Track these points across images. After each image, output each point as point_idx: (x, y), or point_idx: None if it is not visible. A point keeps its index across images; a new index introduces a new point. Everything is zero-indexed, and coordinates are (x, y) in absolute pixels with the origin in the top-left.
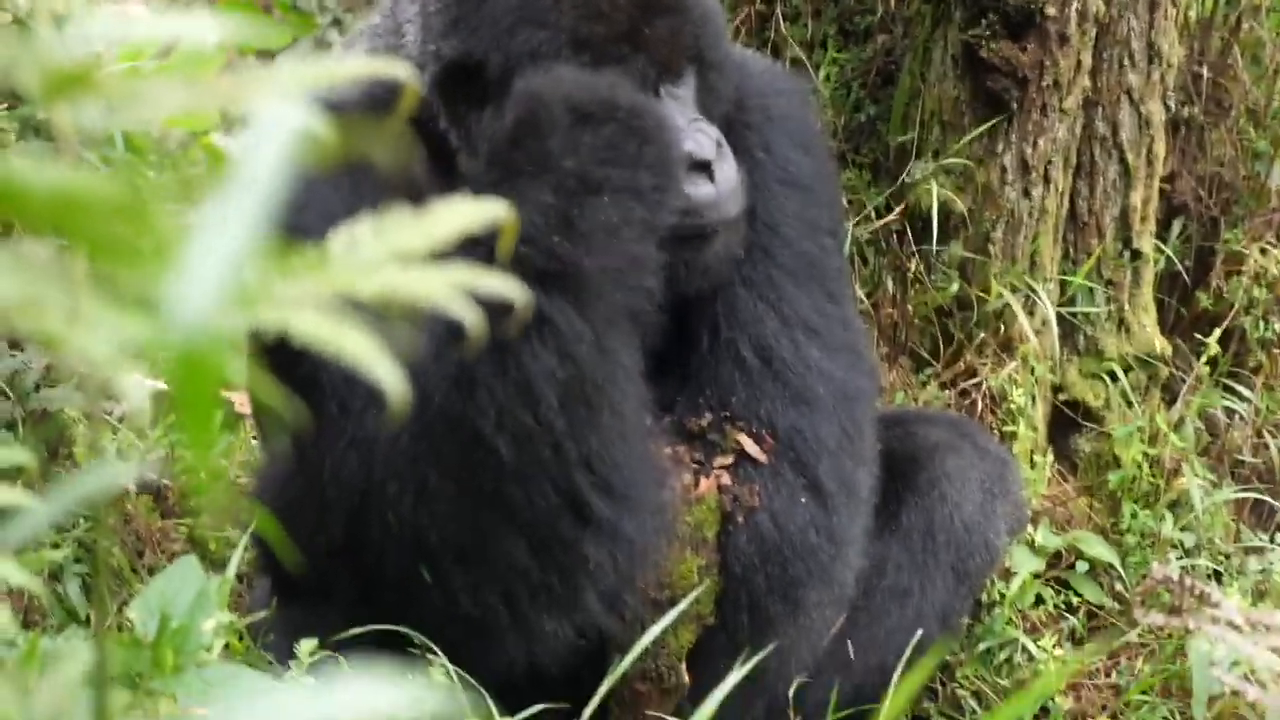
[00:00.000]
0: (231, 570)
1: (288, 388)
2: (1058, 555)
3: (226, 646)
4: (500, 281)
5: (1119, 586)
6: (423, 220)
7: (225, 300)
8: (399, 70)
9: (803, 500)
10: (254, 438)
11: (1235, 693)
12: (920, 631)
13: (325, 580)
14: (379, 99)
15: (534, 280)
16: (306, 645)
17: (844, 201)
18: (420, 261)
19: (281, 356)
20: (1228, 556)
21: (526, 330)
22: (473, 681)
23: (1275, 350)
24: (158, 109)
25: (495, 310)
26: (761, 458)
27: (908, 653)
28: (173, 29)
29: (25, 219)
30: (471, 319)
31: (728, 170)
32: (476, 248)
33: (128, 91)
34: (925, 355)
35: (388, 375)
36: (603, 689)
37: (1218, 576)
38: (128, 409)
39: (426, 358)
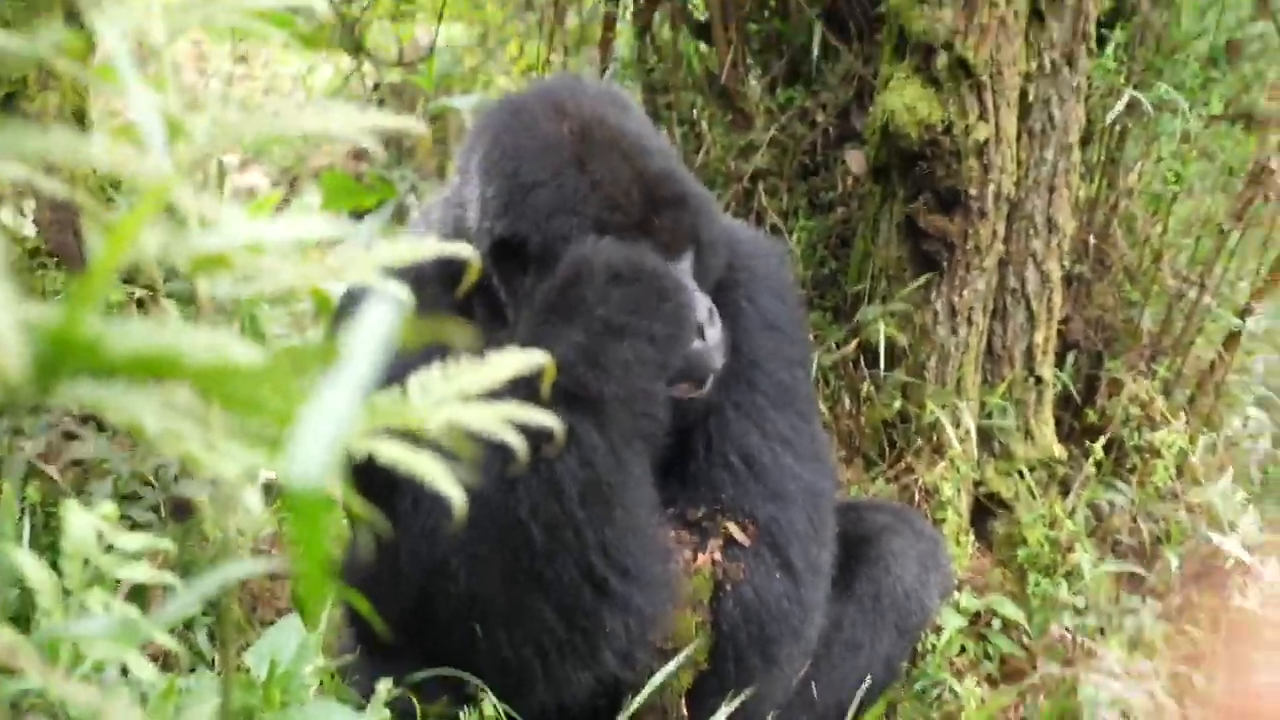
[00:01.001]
0: (324, 625)
1: (372, 488)
2: (977, 615)
3: (321, 684)
4: (538, 415)
5: (1026, 640)
6: (480, 367)
7: (331, 456)
8: (465, 251)
9: (777, 576)
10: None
11: None
12: (870, 677)
13: (398, 634)
14: (449, 267)
15: (563, 401)
16: (384, 685)
17: (811, 338)
18: (478, 398)
19: (368, 467)
20: (1110, 616)
21: (559, 440)
22: (515, 715)
23: (1146, 455)
24: (276, 282)
25: (534, 431)
26: (745, 541)
27: (860, 692)
28: (288, 230)
29: (176, 377)
30: (516, 443)
31: (715, 332)
32: (523, 385)
33: (253, 268)
34: (874, 457)
35: (448, 487)
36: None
37: (1102, 632)
38: (246, 512)
39: (480, 464)
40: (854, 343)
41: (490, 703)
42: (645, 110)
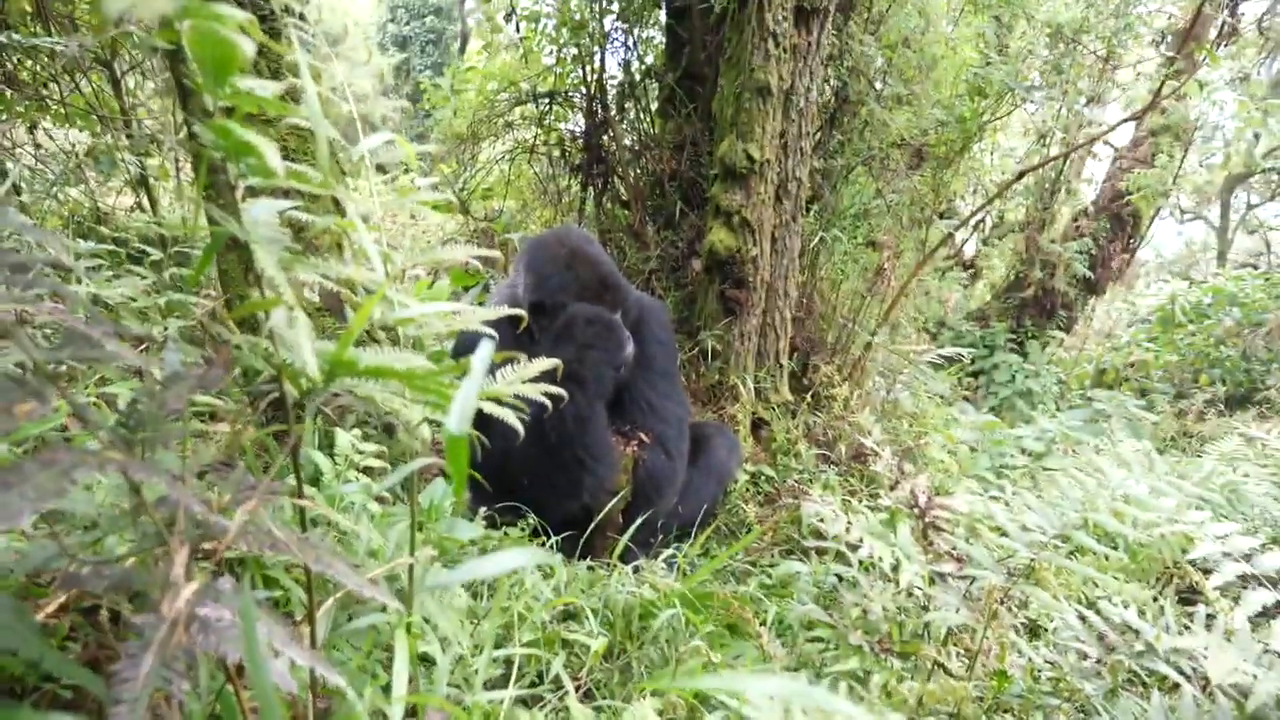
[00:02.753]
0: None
1: (480, 421)
2: (754, 476)
3: (452, 511)
4: (554, 389)
5: (775, 486)
6: (529, 366)
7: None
8: (520, 311)
9: (663, 457)
10: None
11: (818, 534)
12: (705, 503)
13: (490, 487)
14: (514, 317)
15: (567, 379)
16: (482, 510)
17: (677, 347)
18: (529, 381)
19: (480, 413)
20: (814, 474)
21: (563, 398)
22: (543, 524)
23: (829, 399)
24: (433, 326)
25: (553, 395)
26: (648, 441)
27: (702, 511)
28: (436, 305)
29: (389, 378)
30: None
31: (631, 347)
32: (549, 374)
33: (423, 321)
34: (705, 402)
35: (513, 421)
36: (591, 526)
37: (811, 481)
38: (422, 436)
39: (530, 411)
40: (695, 349)
41: (531, 516)
42: (601, 240)
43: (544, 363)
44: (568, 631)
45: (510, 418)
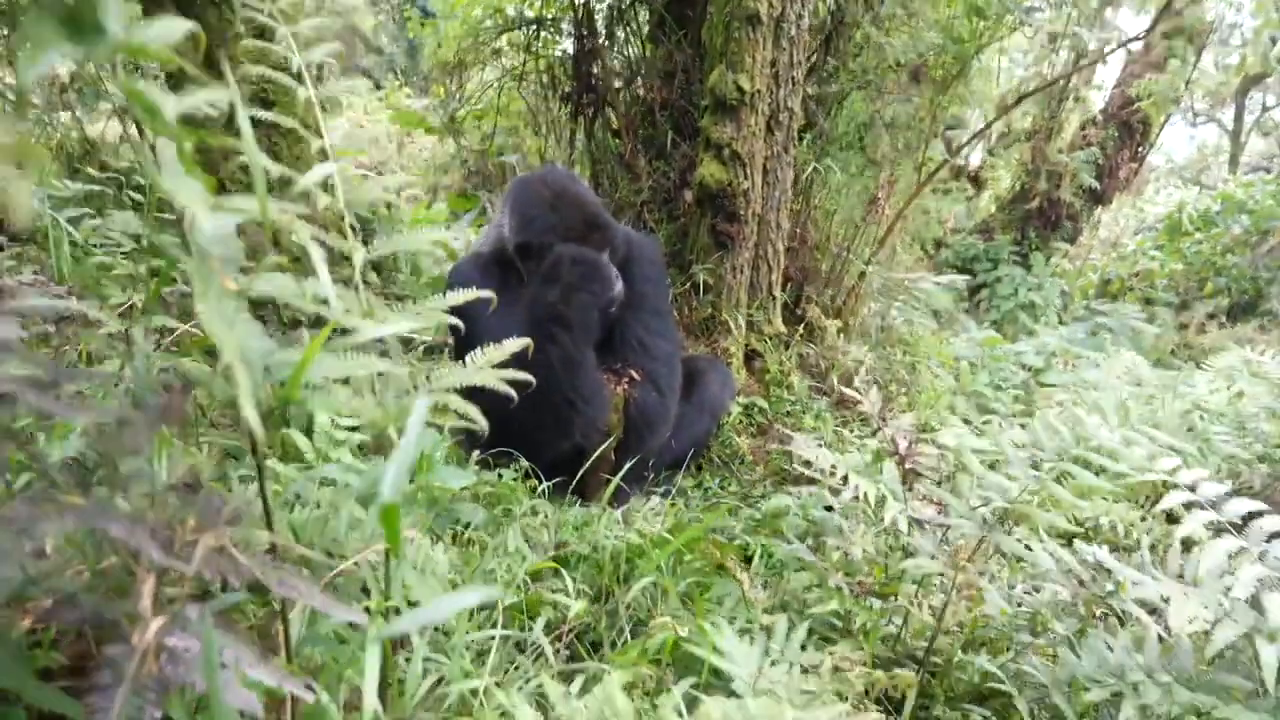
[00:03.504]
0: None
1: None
2: (747, 407)
3: (446, 460)
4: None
5: (768, 417)
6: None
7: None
8: (508, 247)
9: (654, 394)
10: None
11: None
12: (699, 436)
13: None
14: (499, 251)
15: (553, 321)
16: (475, 455)
17: (669, 282)
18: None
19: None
20: (806, 405)
21: (551, 339)
22: (534, 468)
23: (821, 330)
24: (421, 242)
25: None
26: (639, 379)
27: (695, 444)
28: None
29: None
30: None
31: (619, 285)
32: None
33: (413, 238)
34: (699, 335)
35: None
36: (584, 468)
37: (803, 412)
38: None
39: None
40: (688, 283)
41: (522, 460)
42: (591, 173)
43: (516, 343)
44: (549, 592)
45: (499, 385)
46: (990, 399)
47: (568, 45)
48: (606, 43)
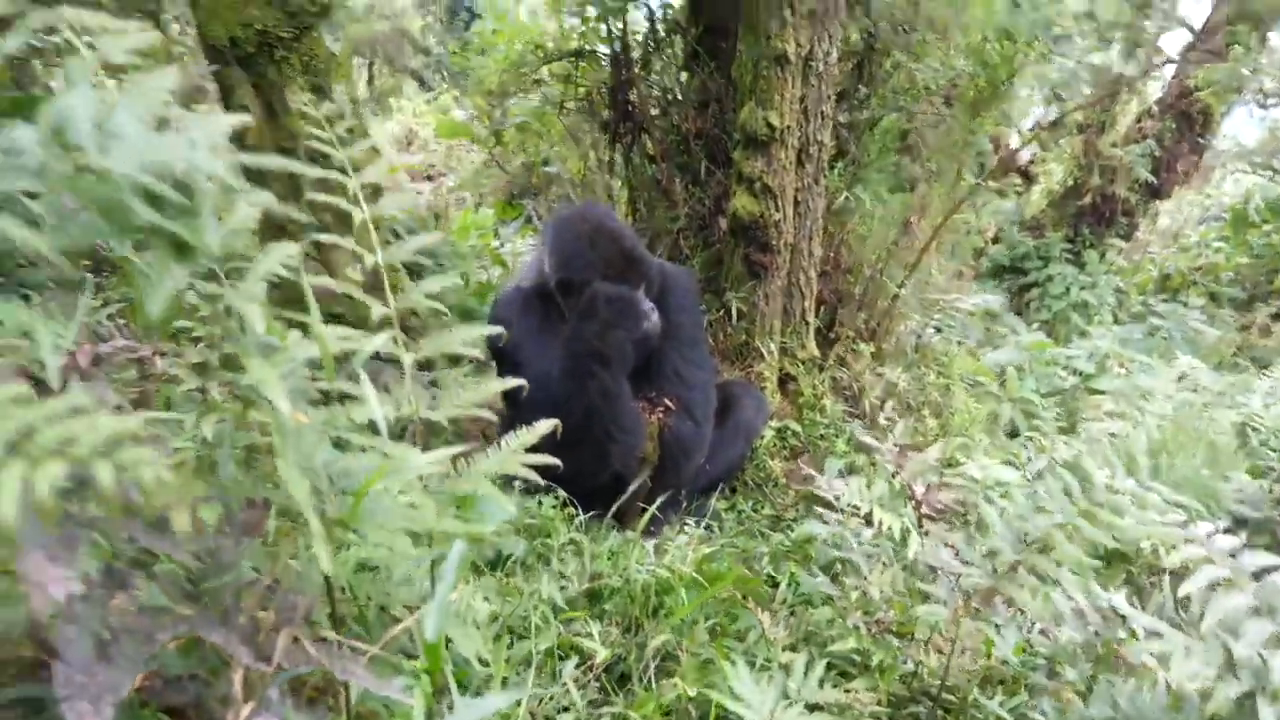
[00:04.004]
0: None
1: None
2: (780, 431)
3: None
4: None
5: (801, 440)
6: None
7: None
8: (549, 282)
9: (688, 423)
10: None
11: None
12: (733, 460)
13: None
14: (540, 286)
15: (590, 357)
16: (516, 484)
17: (704, 311)
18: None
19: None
20: (839, 428)
21: (589, 374)
22: (572, 498)
23: (855, 352)
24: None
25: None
26: (674, 408)
27: (729, 467)
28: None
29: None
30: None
31: (654, 317)
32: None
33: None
34: (733, 360)
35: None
36: (623, 498)
37: (835, 436)
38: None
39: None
40: (723, 311)
41: (557, 490)
42: (629, 199)
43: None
44: (583, 626)
45: None
46: (1037, 406)
47: (606, 75)
48: (643, 73)
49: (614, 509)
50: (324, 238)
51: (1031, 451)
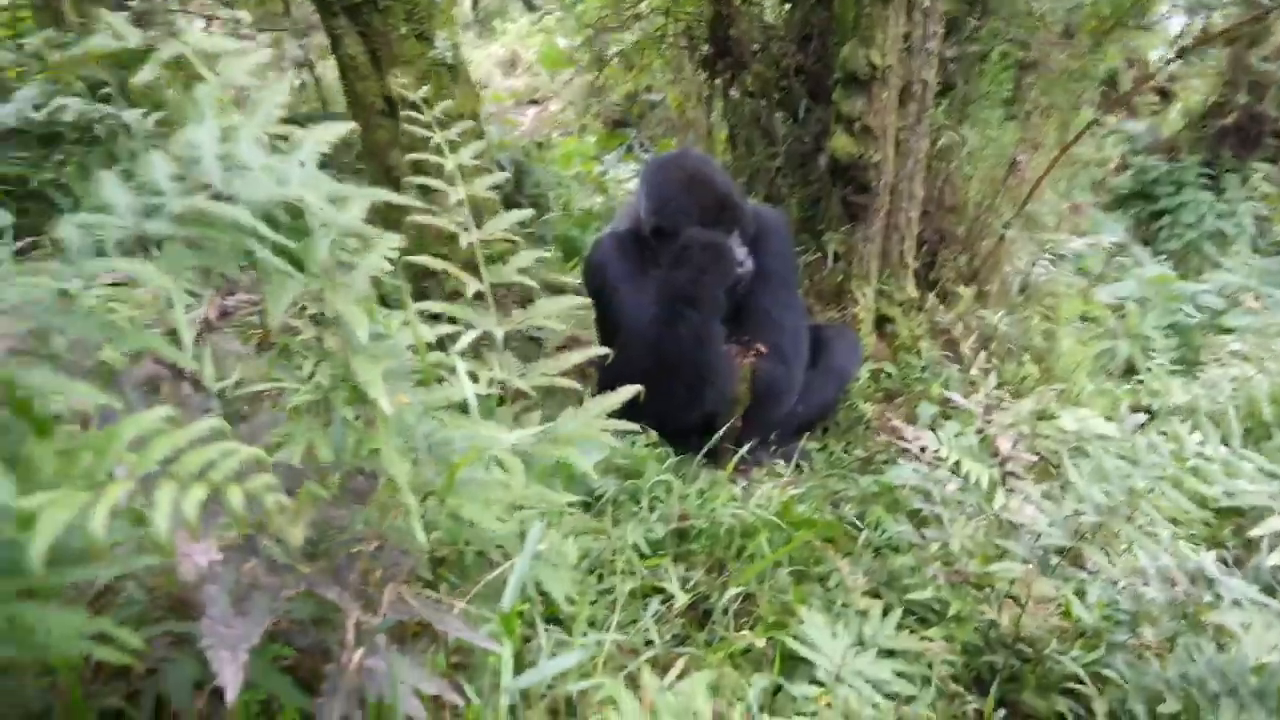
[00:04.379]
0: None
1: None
2: (875, 373)
3: None
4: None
5: (895, 382)
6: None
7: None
8: (644, 228)
9: (780, 365)
10: None
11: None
12: (824, 402)
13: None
14: (635, 231)
15: (683, 301)
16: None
17: (798, 255)
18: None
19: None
20: (937, 369)
21: (679, 316)
22: (661, 435)
23: (957, 295)
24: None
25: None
26: (764, 351)
27: (820, 409)
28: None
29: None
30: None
31: (748, 262)
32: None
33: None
34: (829, 302)
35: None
36: (714, 438)
37: (933, 377)
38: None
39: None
40: (819, 252)
41: (652, 429)
42: (728, 136)
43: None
44: (662, 581)
45: None
46: (1155, 344)
47: (705, 7)
48: (743, 6)
49: (705, 449)
50: (421, 219)
51: (1143, 395)
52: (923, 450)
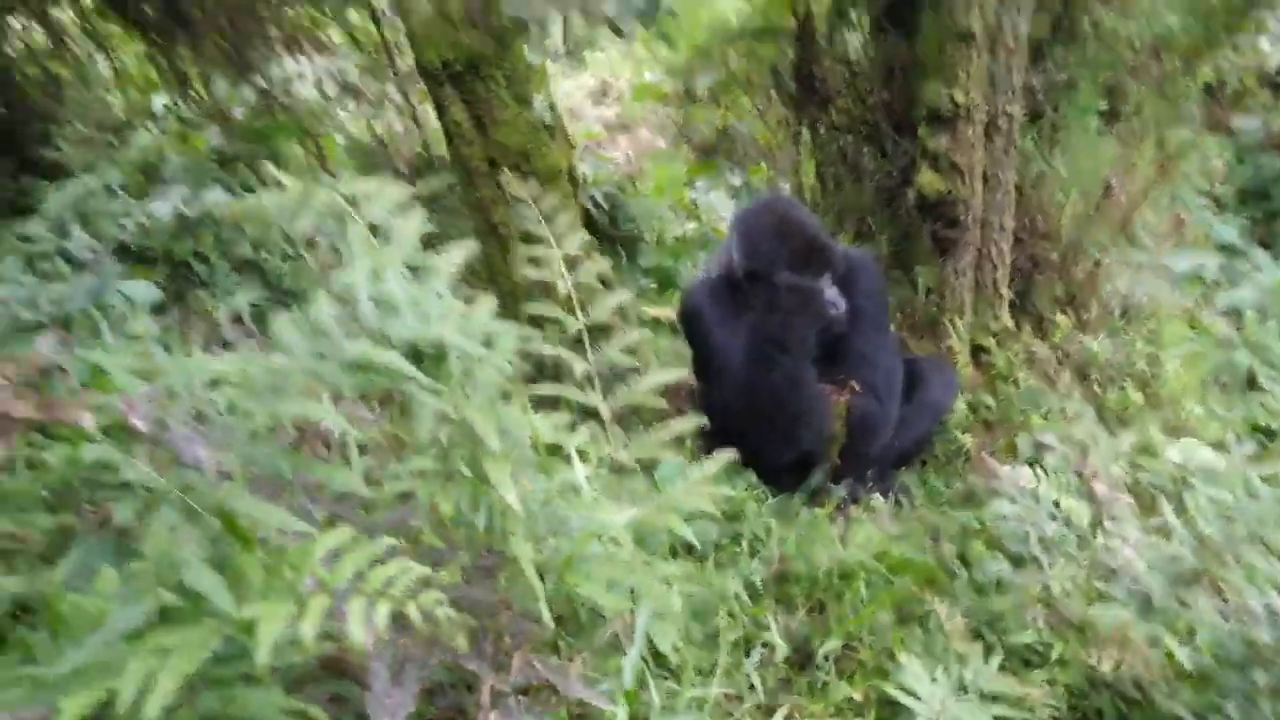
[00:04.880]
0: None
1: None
2: (972, 405)
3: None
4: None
5: (994, 414)
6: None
7: None
8: (737, 272)
9: (874, 403)
10: None
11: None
12: (920, 436)
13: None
14: (728, 275)
15: (774, 345)
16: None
17: (889, 294)
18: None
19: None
20: (1033, 399)
21: (772, 360)
22: (759, 475)
23: (1053, 324)
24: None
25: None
26: (859, 389)
27: (916, 443)
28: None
29: None
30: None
31: (840, 304)
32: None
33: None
34: (923, 335)
35: None
36: (811, 478)
37: (1030, 409)
38: None
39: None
40: (911, 285)
41: (750, 476)
42: (815, 172)
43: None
44: (762, 630)
45: None
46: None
47: (790, 48)
48: (827, 45)
49: (802, 488)
50: (534, 308)
51: (1262, 415)
52: (1021, 489)
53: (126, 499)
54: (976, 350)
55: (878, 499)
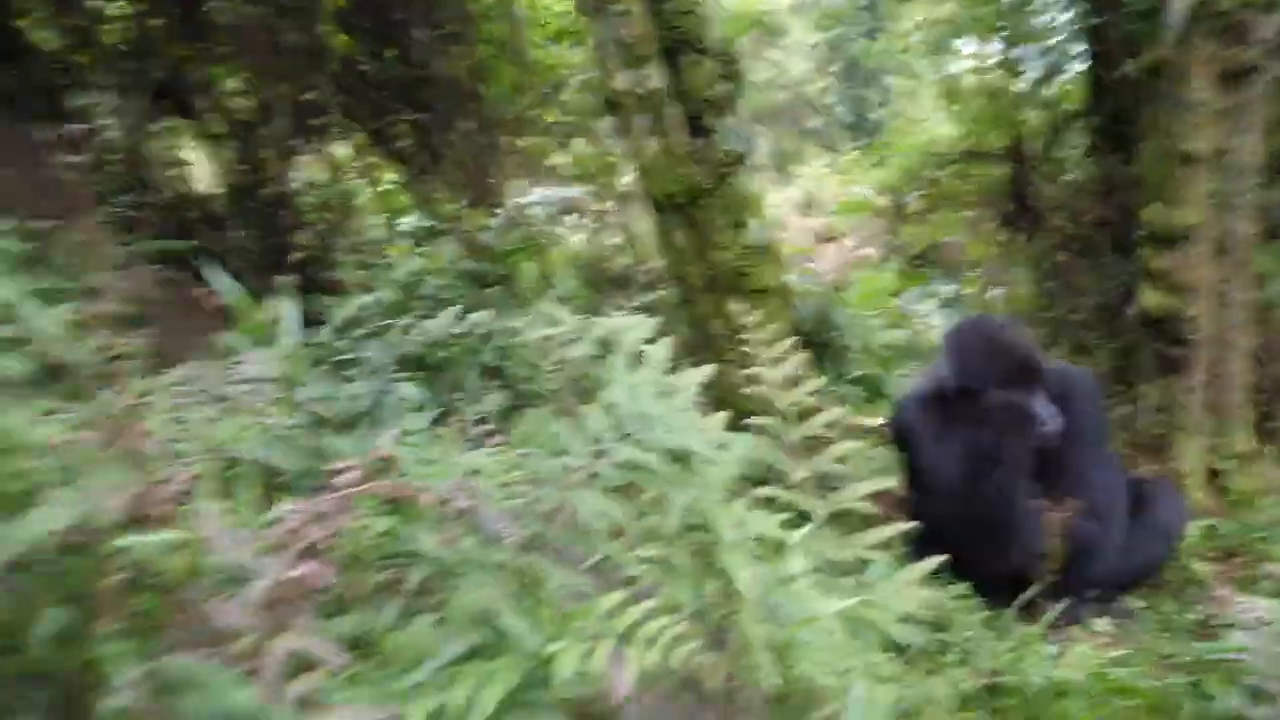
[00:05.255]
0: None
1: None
2: (1207, 530)
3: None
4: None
5: (1230, 544)
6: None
7: None
8: (948, 388)
9: (1093, 523)
10: None
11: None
12: (1147, 559)
13: (929, 548)
14: (939, 391)
15: (986, 461)
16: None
17: (1105, 411)
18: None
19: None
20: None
21: (984, 475)
22: (971, 586)
23: None
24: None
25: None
26: (1078, 508)
27: (1143, 567)
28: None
29: None
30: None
31: (1055, 421)
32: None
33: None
34: (1149, 454)
35: None
36: (1024, 595)
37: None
38: None
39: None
40: (1133, 404)
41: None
42: (1032, 289)
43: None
44: None
45: None
46: None
47: (1002, 168)
48: (1041, 164)
49: (1015, 604)
50: (755, 422)
51: None
52: (1258, 621)
53: (420, 564)
54: (1211, 474)
55: (1101, 621)
